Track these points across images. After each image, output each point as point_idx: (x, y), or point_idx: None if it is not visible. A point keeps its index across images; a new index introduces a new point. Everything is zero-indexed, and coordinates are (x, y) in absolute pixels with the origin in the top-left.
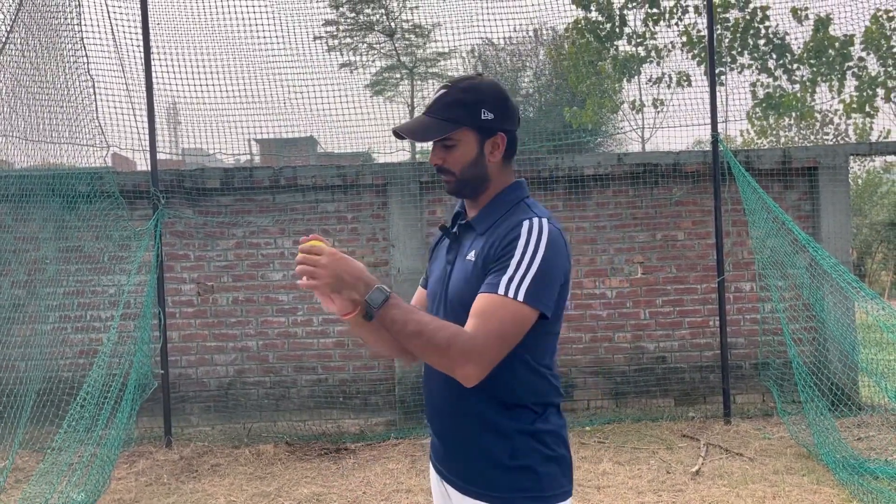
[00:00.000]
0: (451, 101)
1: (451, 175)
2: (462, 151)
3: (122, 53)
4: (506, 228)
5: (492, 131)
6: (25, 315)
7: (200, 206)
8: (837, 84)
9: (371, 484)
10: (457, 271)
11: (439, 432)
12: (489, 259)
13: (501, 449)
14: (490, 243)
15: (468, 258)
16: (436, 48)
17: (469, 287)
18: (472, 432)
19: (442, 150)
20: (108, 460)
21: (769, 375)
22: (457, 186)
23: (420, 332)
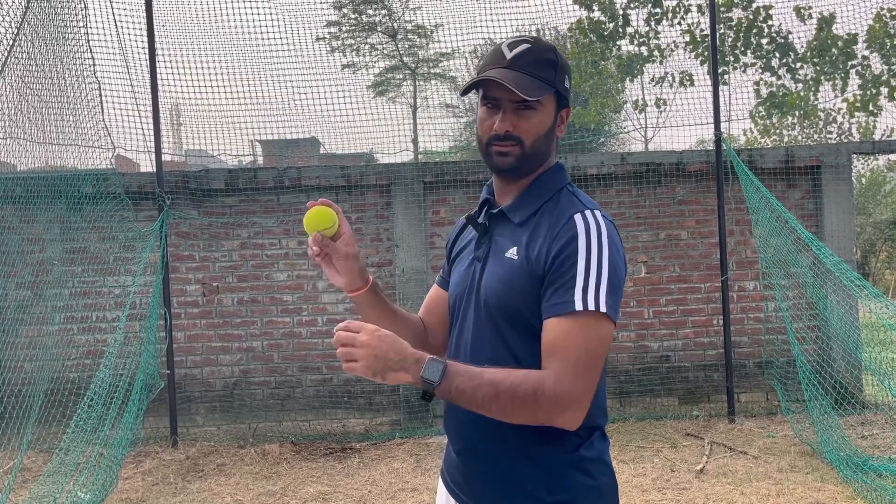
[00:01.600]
0: (539, 59)
1: (517, 145)
2: (541, 119)
3: (127, 56)
4: (555, 224)
5: (566, 103)
6: (32, 316)
7: (205, 206)
8: (841, 83)
9: (376, 483)
10: (492, 270)
11: (461, 452)
12: (540, 263)
13: (537, 481)
14: (539, 243)
15: (507, 255)
16: (438, 49)
17: (511, 290)
18: (503, 459)
19: (515, 116)
20: (115, 460)
21: (773, 374)
22: (519, 160)
23: (497, 394)
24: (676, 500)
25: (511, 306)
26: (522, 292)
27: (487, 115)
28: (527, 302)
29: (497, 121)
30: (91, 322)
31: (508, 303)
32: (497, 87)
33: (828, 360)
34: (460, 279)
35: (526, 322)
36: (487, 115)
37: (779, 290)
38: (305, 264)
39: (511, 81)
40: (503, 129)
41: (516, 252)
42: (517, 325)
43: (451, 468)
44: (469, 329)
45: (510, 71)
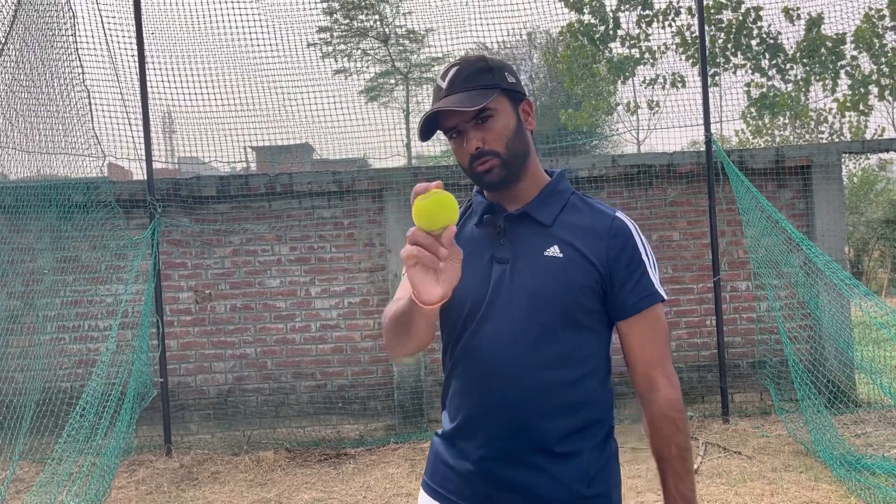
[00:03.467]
0: (472, 71)
1: (494, 157)
2: (503, 122)
3: (116, 63)
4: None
5: (521, 96)
6: (23, 326)
7: (197, 214)
8: (831, 83)
9: (371, 489)
10: (532, 270)
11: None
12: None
13: (580, 475)
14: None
15: (548, 254)
16: (430, 53)
17: (562, 288)
18: (548, 461)
19: (478, 130)
20: (108, 469)
21: (766, 374)
22: (504, 170)
23: (689, 451)
24: None
25: (564, 302)
26: (577, 286)
27: (457, 145)
28: (580, 296)
29: (466, 145)
30: (83, 331)
31: (562, 299)
32: (446, 116)
33: (820, 360)
34: (475, 283)
35: (576, 318)
36: (457, 145)
37: (771, 289)
38: (298, 270)
39: (453, 104)
40: (473, 147)
41: (559, 250)
42: (568, 321)
43: (464, 482)
44: (499, 332)
45: (449, 97)
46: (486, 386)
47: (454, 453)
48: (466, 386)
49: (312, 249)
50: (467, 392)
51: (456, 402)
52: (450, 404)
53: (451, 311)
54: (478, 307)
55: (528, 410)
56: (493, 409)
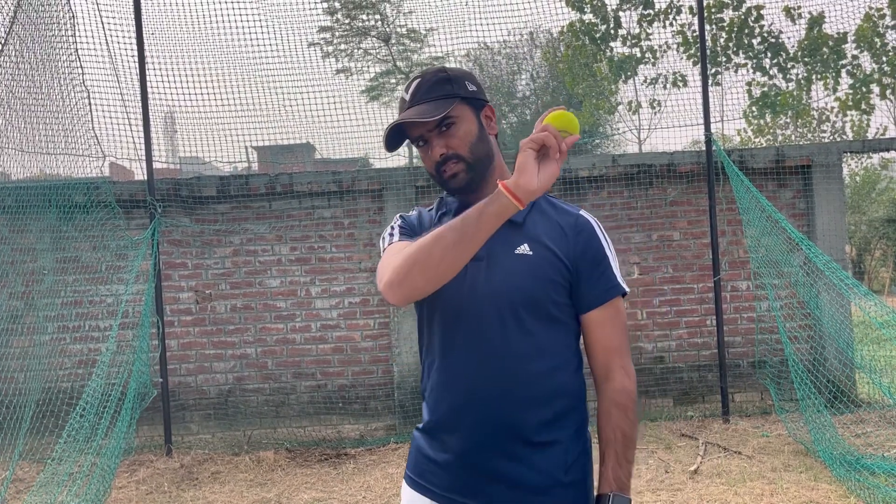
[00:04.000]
0: (432, 83)
1: (459, 161)
2: (465, 128)
3: (116, 64)
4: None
5: (482, 102)
6: (24, 326)
7: (197, 214)
8: (832, 82)
9: (371, 488)
10: (505, 267)
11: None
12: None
13: (557, 463)
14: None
15: (519, 252)
16: (431, 53)
17: (533, 284)
18: (525, 447)
19: (441, 137)
20: (109, 469)
21: (766, 374)
22: (469, 173)
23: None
24: (671, 501)
25: (536, 298)
26: (548, 283)
27: (424, 153)
28: (550, 291)
29: (431, 152)
30: (83, 331)
31: (534, 295)
32: (411, 126)
33: (821, 359)
34: (454, 279)
35: (548, 312)
36: (424, 153)
37: (771, 289)
38: (298, 270)
39: (415, 115)
40: (438, 154)
41: (529, 248)
42: (541, 315)
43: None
44: (475, 327)
45: (412, 108)
46: (464, 379)
47: (436, 446)
48: (446, 380)
49: (313, 249)
50: (447, 386)
51: (436, 395)
52: (429, 397)
53: (428, 306)
54: (454, 303)
55: (506, 402)
56: (472, 401)
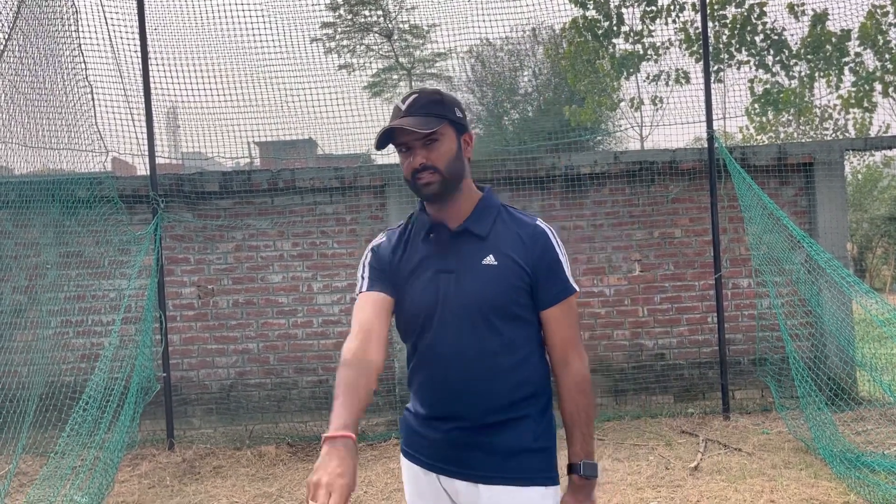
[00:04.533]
0: (427, 101)
1: (435, 173)
2: (446, 146)
3: (119, 59)
4: (525, 233)
5: (464, 128)
6: (27, 320)
7: (199, 209)
8: (835, 79)
9: (372, 483)
10: (474, 277)
11: (457, 427)
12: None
13: (527, 435)
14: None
15: (485, 263)
16: (433, 49)
17: (499, 290)
18: (501, 424)
19: (424, 150)
20: (111, 463)
21: (767, 371)
22: (441, 186)
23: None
24: (671, 498)
25: (502, 302)
26: (511, 289)
27: (404, 159)
28: (514, 295)
29: (411, 159)
30: (86, 326)
31: (500, 300)
32: (401, 133)
33: (821, 357)
34: (426, 291)
35: (513, 312)
36: (404, 158)
37: (772, 287)
38: (300, 266)
39: (409, 125)
40: (418, 162)
41: (494, 259)
42: (506, 316)
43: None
44: (451, 330)
45: (407, 118)
46: (446, 377)
47: (425, 427)
48: (429, 379)
49: (315, 245)
50: (430, 384)
51: (422, 392)
52: (416, 391)
53: (406, 317)
54: (430, 312)
55: (482, 392)
56: (453, 394)
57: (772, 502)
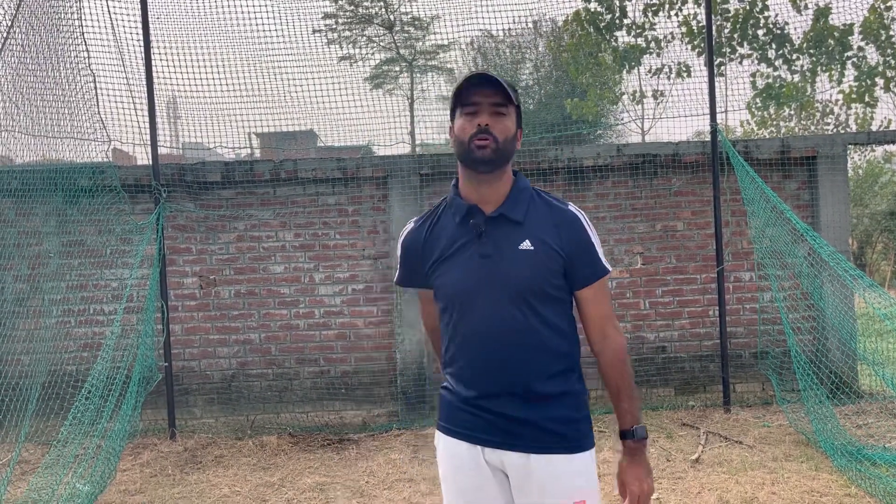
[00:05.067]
0: (507, 81)
1: (493, 139)
2: (509, 124)
3: (122, 48)
4: (559, 218)
5: (521, 122)
6: (29, 309)
7: (202, 199)
8: (837, 74)
9: (374, 474)
10: (512, 261)
11: (504, 407)
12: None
13: (571, 406)
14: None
15: (522, 248)
16: (435, 41)
17: (536, 274)
18: (546, 398)
19: (491, 117)
20: (113, 452)
21: (768, 364)
22: (494, 153)
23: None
24: (672, 489)
25: (537, 284)
26: (548, 272)
27: (467, 120)
28: (550, 277)
29: (478, 119)
30: (88, 315)
31: (535, 282)
32: (478, 92)
33: (823, 350)
34: (464, 274)
35: (548, 294)
36: (468, 117)
37: (774, 280)
38: (302, 256)
39: (493, 78)
40: (483, 122)
41: (530, 244)
42: (543, 297)
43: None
44: (491, 311)
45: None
46: (486, 357)
47: (469, 404)
48: (471, 359)
49: (317, 236)
50: (473, 364)
51: (465, 371)
52: (457, 372)
53: (445, 299)
54: (469, 296)
55: (522, 368)
56: (494, 372)
57: (773, 494)
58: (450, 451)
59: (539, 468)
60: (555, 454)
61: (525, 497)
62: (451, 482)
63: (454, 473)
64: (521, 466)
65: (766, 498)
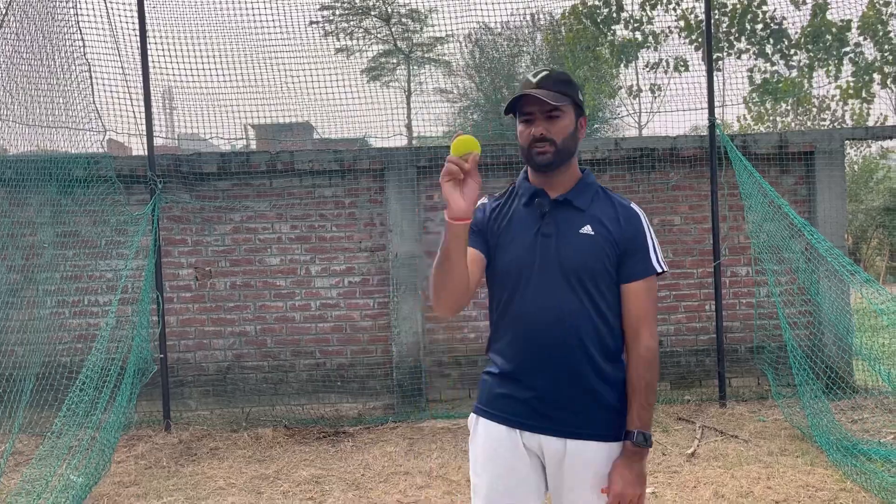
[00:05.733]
0: (557, 79)
1: (551, 145)
2: (565, 123)
3: (118, 37)
4: (620, 212)
5: (582, 112)
6: (23, 300)
7: (198, 190)
8: (834, 70)
9: (369, 466)
10: (571, 243)
11: (546, 389)
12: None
13: (611, 395)
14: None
15: (583, 232)
16: (432, 33)
17: (593, 258)
18: (589, 383)
19: (545, 122)
20: (108, 444)
21: (764, 359)
22: (555, 156)
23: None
24: (668, 483)
25: (594, 268)
26: (603, 258)
27: (525, 128)
28: (605, 264)
29: (533, 129)
30: (83, 306)
31: (592, 265)
32: (530, 102)
33: (819, 345)
34: (524, 251)
35: (601, 278)
36: (525, 127)
37: (771, 275)
38: (298, 248)
39: (540, 94)
40: (539, 132)
41: (591, 229)
42: (595, 280)
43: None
44: (545, 289)
45: (538, 90)
46: (536, 333)
47: (511, 386)
48: (518, 337)
49: (313, 228)
50: (520, 342)
51: (510, 349)
52: (503, 350)
53: (501, 273)
54: (528, 270)
55: (568, 348)
56: (541, 349)
57: (768, 489)
58: (488, 435)
59: (574, 453)
60: (591, 441)
61: (557, 480)
62: (488, 465)
63: (492, 456)
64: (557, 451)
65: (762, 492)
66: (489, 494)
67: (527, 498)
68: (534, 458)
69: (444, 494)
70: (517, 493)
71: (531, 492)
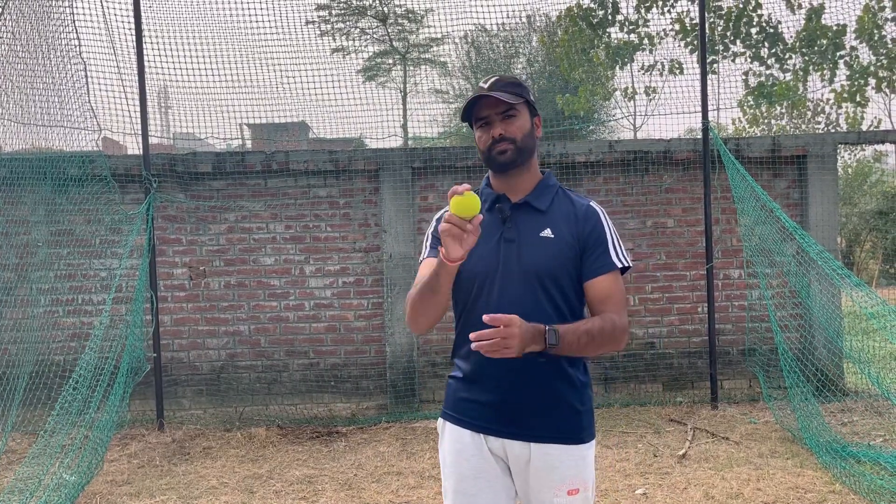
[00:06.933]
0: (508, 82)
1: (511, 143)
2: (521, 122)
3: (113, 36)
4: (578, 212)
5: (535, 111)
6: (16, 298)
7: (192, 190)
8: (829, 73)
9: (362, 466)
10: (531, 247)
11: (509, 393)
12: (579, 239)
13: (575, 398)
14: (570, 225)
15: (543, 235)
16: (428, 34)
17: (556, 260)
18: (552, 387)
19: (502, 123)
20: (101, 443)
21: (756, 361)
22: (515, 154)
23: (591, 338)
24: (659, 485)
25: (555, 272)
26: (564, 260)
27: (483, 132)
28: (566, 265)
29: (492, 131)
30: (77, 305)
31: (553, 269)
32: (485, 106)
33: (810, 348)
34: (488, 256)
35: (562, 282)
36: (483, 132)
37: (763, 278)
38: (293, 248)
39: (496, 94)
40: (497, 133)
41: (551, 232)
42: (558, 283)
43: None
44: (508, 294)
45: (491, 92)
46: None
47: (476, 389)
48: None
49: (307, 228)
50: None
51: (474, 355)
52: (467, 355)
53: (465, 279)
54: (492, 275)
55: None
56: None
57: (758, 490)
58: (454, 439)
59: (538, 457)
60: (555, 444)
61: (523, 484)
62: (453, 469)
63: (456, 460)
64: (521, 455)
65: (752, 494)
66: (455, 498)
67: (496, 501)
68: (500, 462)
69: (436, 495)
70: (483, 496)
71: (499, 494)
